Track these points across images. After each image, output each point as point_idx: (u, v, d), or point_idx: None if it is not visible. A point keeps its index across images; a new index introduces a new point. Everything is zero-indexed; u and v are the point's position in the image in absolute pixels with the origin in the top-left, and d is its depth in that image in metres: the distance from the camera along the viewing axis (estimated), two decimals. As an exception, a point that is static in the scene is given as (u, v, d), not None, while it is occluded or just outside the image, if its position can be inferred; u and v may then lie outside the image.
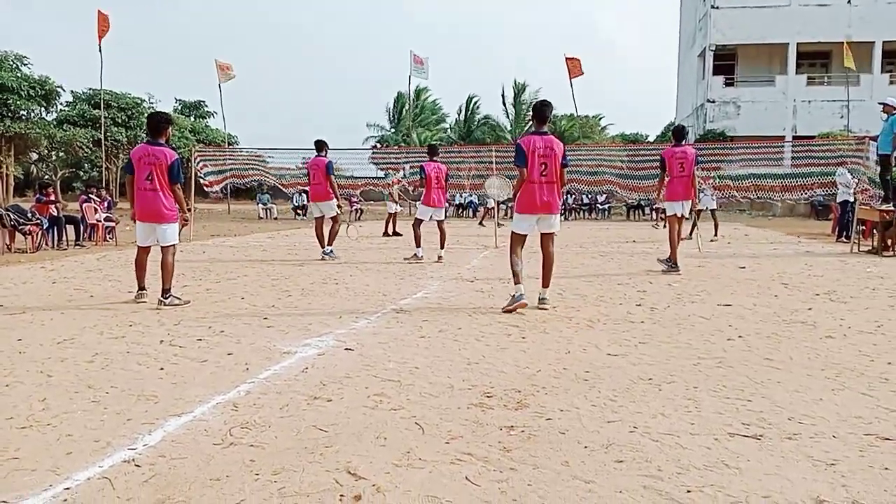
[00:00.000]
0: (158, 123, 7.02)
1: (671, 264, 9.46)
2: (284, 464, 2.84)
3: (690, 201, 9.53)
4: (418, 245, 11.08)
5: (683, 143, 9.67)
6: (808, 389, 3.92)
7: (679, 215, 9.54)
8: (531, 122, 7.07)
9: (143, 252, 7.00)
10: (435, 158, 11.30)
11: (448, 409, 3.57)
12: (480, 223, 21.78)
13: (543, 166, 6.55)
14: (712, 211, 16.80)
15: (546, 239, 6.81)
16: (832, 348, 4.96)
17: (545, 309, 6.54)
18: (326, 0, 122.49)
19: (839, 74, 32.85)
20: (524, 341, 5.20)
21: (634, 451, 2.98)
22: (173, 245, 6.91)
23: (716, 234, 16.14)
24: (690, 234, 15.78)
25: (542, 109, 6.77)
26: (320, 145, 11.40)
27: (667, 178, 9.58)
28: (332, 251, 11.28)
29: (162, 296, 6.71)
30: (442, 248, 11.19)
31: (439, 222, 11.36)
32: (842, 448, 3.02)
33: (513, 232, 6.80)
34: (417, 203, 11.54)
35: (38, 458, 2.90)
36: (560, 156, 6.64)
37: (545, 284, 6.79)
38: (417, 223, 11.22)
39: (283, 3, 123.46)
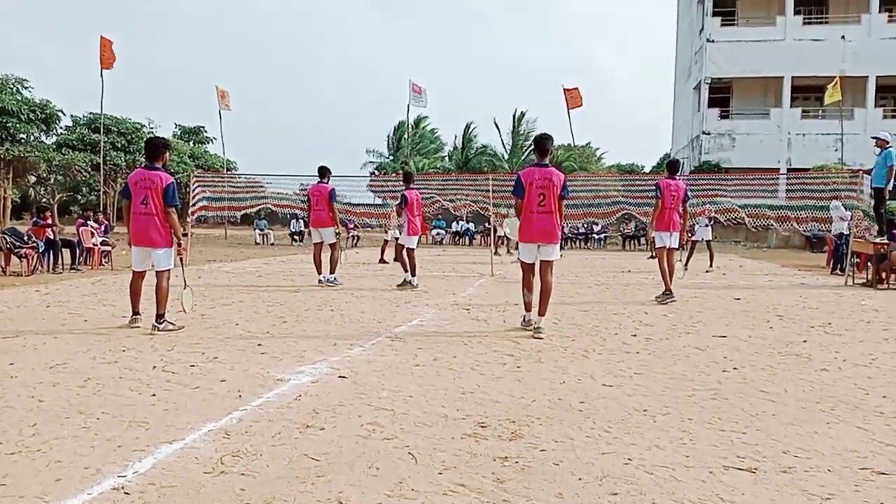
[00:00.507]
0: (156, 148, 7.05)
1: (666, 293, 9.54)
2: (275, 493, 2.82)
3: (678, 233, 9.71)
4: (414, 273, 11.07)
5: (677, 176, 9.87)
6: (804, 422, 3.91)
7: (668, 246, 9.67)
8: (533, 154, 7.30)
9: (138, 277, 6.99)
10: (412, 186, 11.33)
11: (442, 438, 3.54)
12: (496, 252, 21.56)
13: (541, 196, 6.77)
14: (707, 242, 16.83)
15: (544, 266, 6.94)
16: (827, 381, 4.96)
17: (540, 338, 6.55)
18: (327, 27, 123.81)
19: (833, 108, 33.18)
20: (519, 371, 5.18)
21: (629, 484, 2.96)
22: (168, 270, 6.90)
23: (711, 265, 16.16)
24: (686, 265, 15.81)
25: (542, 142, 7.07)
26: (323, 171, 11.43)
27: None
28: (335, 278, 11.21)
29: (156, 321, 6.68)
30: (414, 275, 11.15)
31: (411, 250, 11.25)
32: (837, 482, 3.00)
33: (521, 262, 7.16)
34: (400, 232, 11.44)
35: (27, 485, 2.87)
36: (559, 187, 6.82)
37: (541, 313, 6.85)
38: (410, 252, 11.18)
39: (284, 29, 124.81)
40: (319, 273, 11.23)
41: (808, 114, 36.49)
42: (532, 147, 7.83)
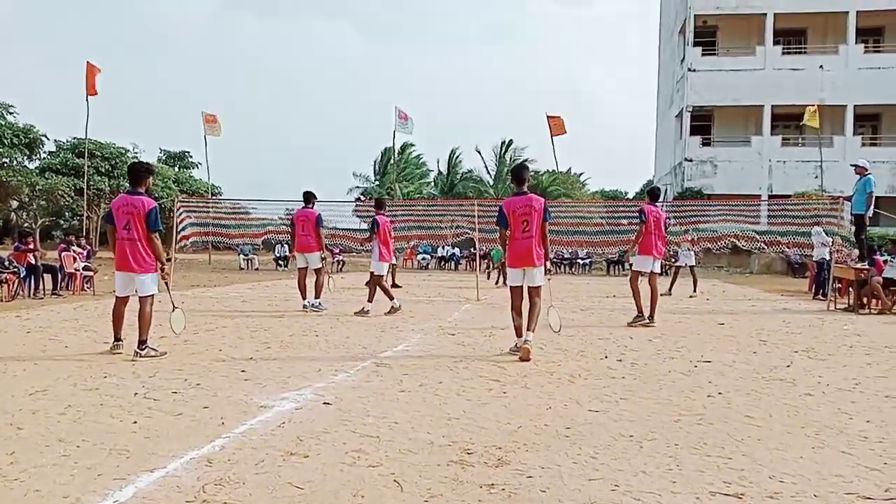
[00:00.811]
0: (138, 173, 7.06)
1: (638, 316, 9.87)
2: (259, 522, 2.77)
3: (660, 259, 10.03)
4: (391, 297, 11.00)
5: (657, 203, 10.19)
6: (789, 447, 3.92)
7: (649, 271, 9.90)
8: (512, 183, 7.59)
9: (121, 302, 6.93)
10: (382, 212, 11.31)
11: (427, 465, 3.51)
12: (489, 277, 21.45)
13: (525, 223, 7.05)
14: (691, 267, 16.97)
15: (532, 293, 7.15)
16: (811, 406, 4.98)
17: (527, 349, 6.77)
18: (313, 52, 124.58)
19: (813, 136, 33.71)
20: (505, 396, 5.16)
21: (616, 510, 2.94)
22: (151, 296, 6.84)
23: (695, 290, 16.26)
24: (669, 290, 15.90)
25: (519, 172, 7.45)
26: (309, 197, 11.43)
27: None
28: (319, 303, 11.16)
29: (138, 347, 6.61)
30: (370, 301, 10.87)
31: (379, 277, 11.10)
32: (823, 508, 3.00)
33: (509, 286, 7.31)
34: (371, 259, 11.21)
35: (3, 515, 2.81)
36: (540, 211, 7.08)
37: (529, 328, 6.99)
38: (381, 279, 11.08)
39: (269, 53, 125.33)
40: (304, 298, 11.17)
41: (789, 141, 37.09)
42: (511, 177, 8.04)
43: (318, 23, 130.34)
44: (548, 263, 7.31)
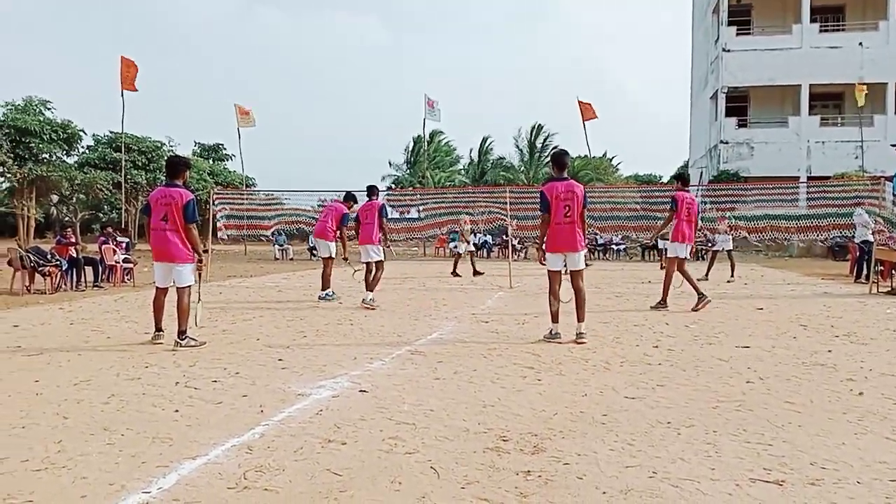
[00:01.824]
0: (176, 166, 7.20)
1: (661, 303, 10.01)
2: (299, 508, 2.82)
3: (691, 245, 9.98)
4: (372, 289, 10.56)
5: (687, 189, 10.08)
6: (831, 433, 3.85)
7: (682, 257, 9.87)
8: (552, 169, 7.60)
9: (161, 293, 7.05)
10: (373, 198, 10.92)
11: (463, 452, 3.53)
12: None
13: (567, 208, 7.09)
14: (728, 252, 16.71)
15: (575, 276, 7.23)
16: (853, 391, 4.88)
17: (583, 343, 6.88)
18: (343, 44, 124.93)
19: (852, 115, 32.88)
20: (540, 384, 5.16)
21: (653, 498, 2.93)
22: (189, 287, 6.95)
23: (732, 275, 16.02)
24: (706, 275, 15.69)
25: (561, 158, 7.44)
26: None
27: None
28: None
29: (178, 337, 6.73)
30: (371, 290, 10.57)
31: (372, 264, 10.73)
32: (866, 494, 2.95)
33: (548, 271, 7.29)
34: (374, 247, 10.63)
35: (53, 502, 2.90)
36: (581, 197, 7.13)
37: (580, 319, 7.12)
38: (380, 264, 10.72)
39: (299, 48, 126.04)
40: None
41: (828, 121, 36.18)
42: (549, 161, 8.07)
43: (345, 16, 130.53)
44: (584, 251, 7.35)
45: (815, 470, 3.26)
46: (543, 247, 7.29)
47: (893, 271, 12.93)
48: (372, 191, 11.23)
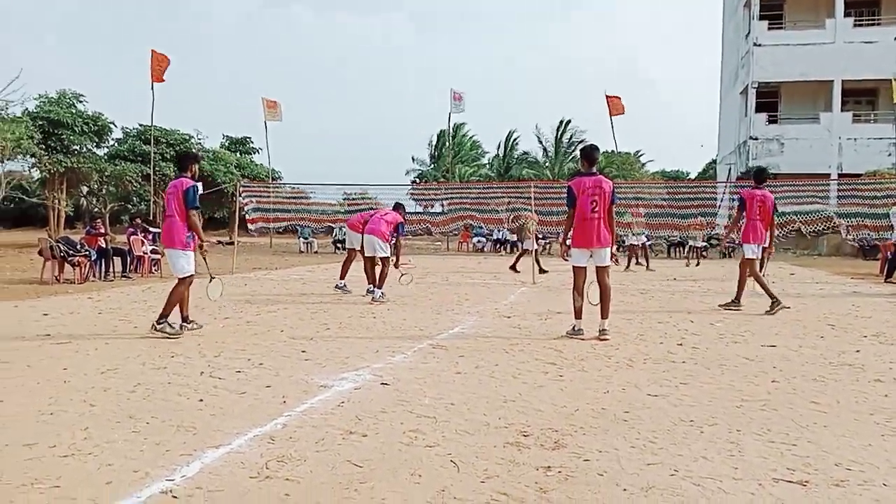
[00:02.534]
0: (184, 159, 7.44)
1: (735, 301, 9.58)
2: (319, 499, 2.84)
3: (761, 246, 9.48)
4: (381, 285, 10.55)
5: (762, 186, 9.60)
6: (857, 434, 3.79)
7: (756, 258, 9.44)
8: (580, 164, 7.50)
9: (180, 281, 7.10)
10: (398, 212, 10.83)
11: (484, 447, 3.53)
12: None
13: (594, 203, 7.00)
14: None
15: (601, 272, 7.15)
16: (881, 392, 4.80)
17: (606, 339, 6.84)
18: (368, 38, 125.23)
19: (886, 112, 32.23)
20: (562, 379, 5.14)
21: (675, 496, 2.91)
22: (187, 277, 6.97)
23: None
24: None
25: (591, 152, 7.36)
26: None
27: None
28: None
29: (156, 320, 6.80)
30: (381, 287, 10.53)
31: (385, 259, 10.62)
32: (893, 497, 2.91)
33: (573, 267, 7.22)
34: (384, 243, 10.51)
35: (79, 487, 2.95)
36: (609, 193, 7.05)
37: (604, 316, 7.07)
38: (385, 261, 10.53)
39: (326, 40, 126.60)
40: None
41: (860, 118, 35.50)
42: (577, 156, 7.98)
43: (373, 13, 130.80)
44: (613, 248, 7.24)
45: (839, 471, 3.21)
46: (568, 242, 7.20)
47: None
48: (399, 207, 11.11)
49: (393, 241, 10.56)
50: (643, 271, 18.05)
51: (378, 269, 10.51)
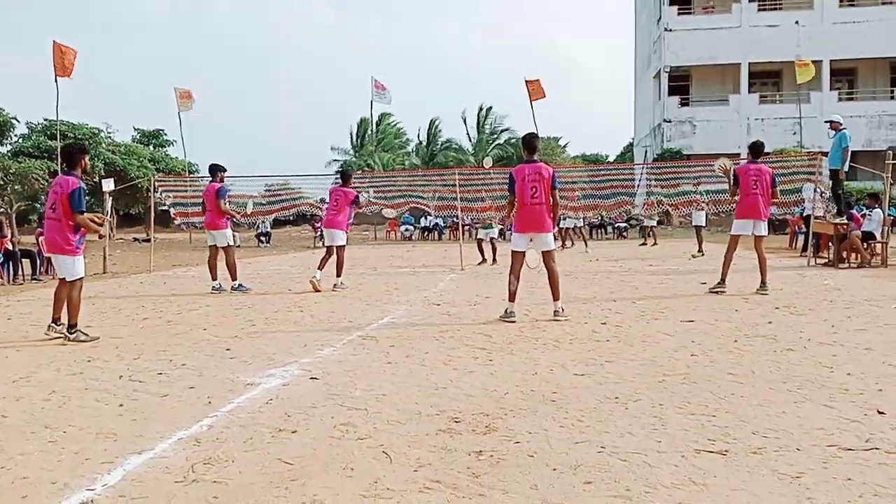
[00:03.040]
0: (71, 154, 6.89)
1: (720, 283, 9.22)
2: (249, 500, 2.78)
3: (764, 221, 9.10)
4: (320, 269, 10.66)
5: (759, 160, 9.21)
6: (772, 403, 3.97)
7: (750, 234, 9.12)
8: (523, 152, 7.68)
9: (61, 284, 6.79)
10: (347, 184, 11.17)
11: (416, 436, 3.53)
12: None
13: (533, 189, 7.16)
14: (697, 227, 17.25)
15: (546, 257, 7.33)
16: (793, 361, 5.05)
17: (561, 320, 7.07)
18: (284, 26, 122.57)
19: (790, 93, 33.79)
20: (491, 364, 5.19)
21: (603, 472, 2.98)
22: (78, 280, 6.67)
23: (699, 251, 16.37)
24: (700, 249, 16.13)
25: (529, 140, 7.60)
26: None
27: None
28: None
29: (68, 331, 6.51)
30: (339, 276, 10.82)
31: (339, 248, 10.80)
32: (806, 461, 3.06)
33: (512, 251, 7.41)
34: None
35: (-9, 504, 2.80)
36: (549, 180, 7.20)
37: (555, 298, 7.31)
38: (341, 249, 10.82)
39: (241, 29, 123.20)
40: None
41: (766, 98, 37.19)
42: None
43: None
44: (554, 230, 7.42)
45: (757, 439, 3.36)
46: (511, 226, 7.39)
47: (830, 244, 13.40)
48: (346, 176, 11.60)
49: (350, 221, 11.13)
50: (582, 252, 18.58)
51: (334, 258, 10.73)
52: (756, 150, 9.31)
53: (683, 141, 36.10)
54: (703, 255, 15.95)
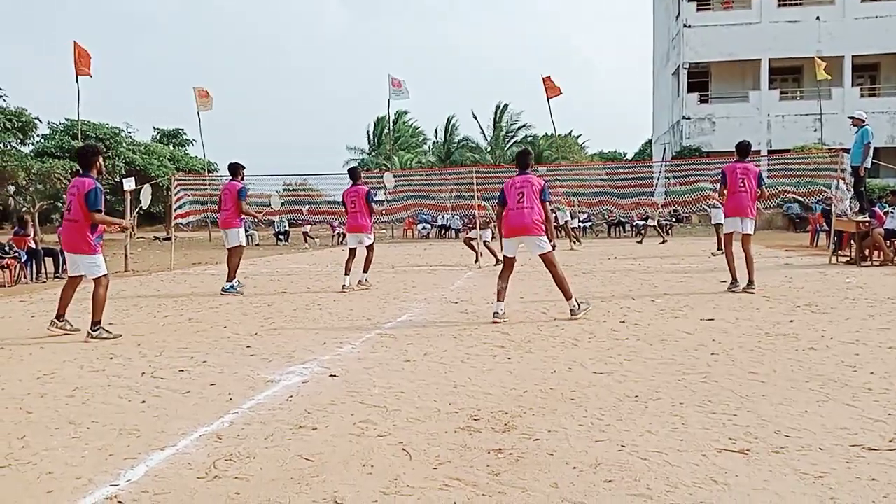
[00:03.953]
0: (86, 156, 6.97)
1: (732, 283, 9.18)
2: (270, 496, 2.80)
3: (752, 219, 9.12)
4: (347, 273, 10.45)
5: (746, 159, 9.26)
6: (793, 402, 3.94)
7: (742, 232, 9.10)
8: (516, 167, 7.62)
9: (70, 283, 6.96)
10: (357, 182, 10.77)
11: (435, 433, 3.54)
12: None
13: (520, 195, 7.15)
14: (716, 225, 17.11)
15: (545, 261, 7.19)
16: (815, 360, 5.00)
17: (576, 318, 7.04)
18: (304, 26, 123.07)
19: (811, 88, 33.42)
20: (510, 362, 5.19)
21: (623, 471, 2.97)
22: (102, 277, 6.78)
23: (718, 249, 16.22)
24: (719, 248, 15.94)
25: (522, 158, 7.55)
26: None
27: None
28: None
29: (91, 328, 6.59)
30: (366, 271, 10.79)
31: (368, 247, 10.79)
32: (828, 460, 3.03)
33: (504, 256, 7.45)
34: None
35: (18, 499, 2.84)
36: (538, 187, 7.16)
37: (567, 298, 7.20)
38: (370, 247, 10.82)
39: (260, 29, 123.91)
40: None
41: (787, 95, 36.77)
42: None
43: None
44: (553, 241, 7.25)
45: (778, 438, 3.34)
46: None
47: (852, 242, 13.23)
48: (355, 174, 10.96)
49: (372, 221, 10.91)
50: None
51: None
52: (742, 149, 9.38)
53: (703, 138, 35.81)
54: (722, 252, 15.78)
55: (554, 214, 17.55)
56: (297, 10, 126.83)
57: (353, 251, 10.73)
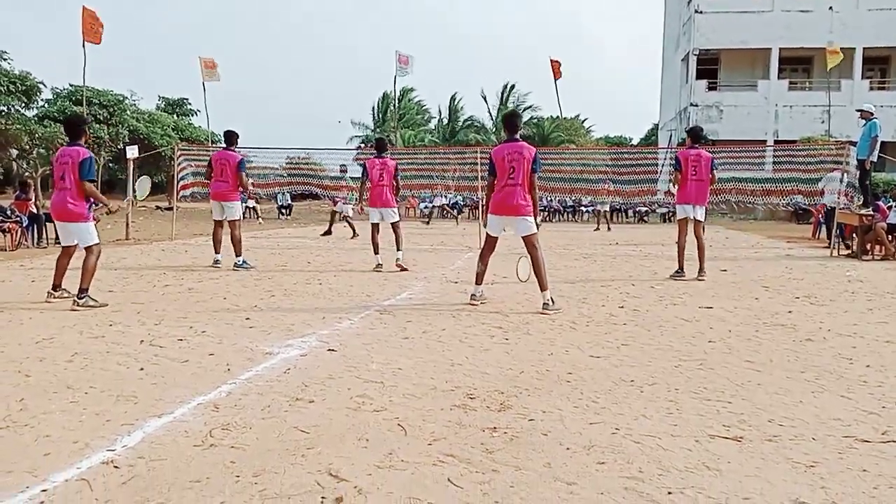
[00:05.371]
0: (75, 126, 7.00)
1: (678, 272, 9.22)
2: (265, 466, 2.82)
3: (703, 206, 9.16)
4: (376, 252, 10.11)
5: (698, 145, 9.24)
6: (789, 392, 3.95)
7: (692, 219, 9.15)
8: (503, 131, 7.23)
9: (64, 253, 6.95)
10: (383, 155, 10.19)
11: (431, 410, 3.56)
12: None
13: (511, 169, 6.69)
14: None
15: (527, 242, 6.80)
16: (812, 351, 5.01)
17: (547, 314, 6.43)
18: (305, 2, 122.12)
19: (821, 80, 33.17)
20: (507, 343, 5.20)
21: (616, 453, 2.99)
22: (94, 245, 6.78)
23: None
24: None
25: (510, 119, 7.09)
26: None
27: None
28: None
29: (77, 295, 6.58)
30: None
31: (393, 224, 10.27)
32: (821, 450, 3.05)
33: (486, 234, 7.06)
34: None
35: (15, 460, 2.86)
36: (529, 160, 6.67)
37: (543, 288, 6.68)
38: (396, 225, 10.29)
39: (263, 4, 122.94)
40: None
41: (796, 85, 36.52)
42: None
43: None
44: (538, 219, 6.87)
45: (772, 427, 3.35)
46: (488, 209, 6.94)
47: (854, 235, 13.21)
48: (383, 145, 10.47)
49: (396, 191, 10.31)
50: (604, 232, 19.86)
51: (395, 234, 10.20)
52: (694, 134, 9.35)
53: (710, 126, 35.56)
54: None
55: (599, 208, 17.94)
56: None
57: (376, 226, 10.23)
